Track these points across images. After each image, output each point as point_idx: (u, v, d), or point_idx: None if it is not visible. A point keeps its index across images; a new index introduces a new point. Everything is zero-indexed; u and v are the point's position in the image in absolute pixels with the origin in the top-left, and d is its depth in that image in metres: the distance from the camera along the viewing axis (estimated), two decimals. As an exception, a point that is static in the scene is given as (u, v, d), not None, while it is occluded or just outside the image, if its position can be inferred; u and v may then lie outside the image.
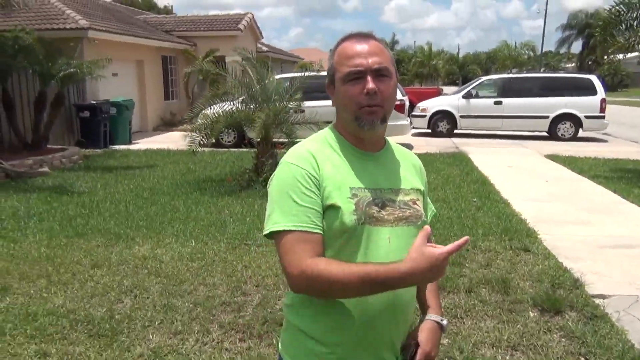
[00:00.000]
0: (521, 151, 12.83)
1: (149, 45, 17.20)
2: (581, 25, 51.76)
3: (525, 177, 9.28)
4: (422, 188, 1.58)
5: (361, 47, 1.40)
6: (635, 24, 8.59)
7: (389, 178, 1.48)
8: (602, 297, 4.13)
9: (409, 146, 13.44)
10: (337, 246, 1.37)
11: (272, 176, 1.44)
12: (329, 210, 1.36)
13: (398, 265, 1.25)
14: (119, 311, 3.84)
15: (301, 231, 1.32)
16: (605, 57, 11.14)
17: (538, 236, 5.63)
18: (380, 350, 1.43)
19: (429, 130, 16.00)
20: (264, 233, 1.38)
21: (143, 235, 5.65)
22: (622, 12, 8.61)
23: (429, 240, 1.29)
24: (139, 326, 3.61)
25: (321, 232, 1.35)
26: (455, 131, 15.96)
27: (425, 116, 16.00)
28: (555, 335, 3.52)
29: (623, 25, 8.68)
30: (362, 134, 1.45)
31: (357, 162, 1.45)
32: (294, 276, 1.30)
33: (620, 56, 9.79)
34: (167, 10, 55.00)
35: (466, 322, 3.71)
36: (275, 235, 1.35)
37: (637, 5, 8.57)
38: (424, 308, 1.57)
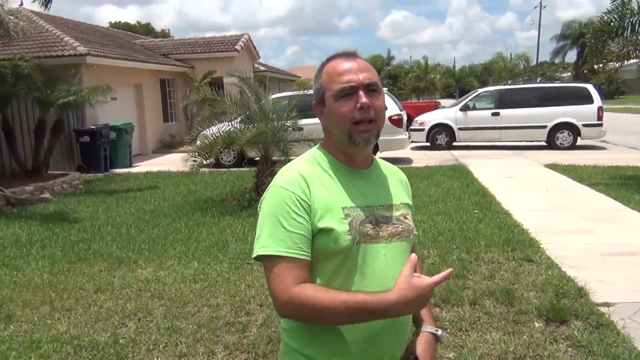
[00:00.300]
0: (521, 161, 12.85)
1: (148, 69, 17.36)
2: (575, 35, 52.13)
3: (525, 187, 9.29)
4: (410, 202, 1.61)
5: (350, 64, 1.42)
6: (627, 32, 8.66)
7: (380, 194, 1.49)
8: (607, 305, 4.12)
9: (408, 160, 13.49)
10: (333, 266, 1.38)
11: (262, 198, 1.45)
12: (323, 232, 1.36)
13: (387, 295, 1.27)
14: (123, 335, 3.83)
15: (288, 257, 1.33)
16: (600, 65, 11.14)
17: (540, 246, 5.62)
18: None
19: (428, 144, 16.06)
20: (252, 256, 1.39)
21: (145, 258, 5.65)
22: (613, 21, 8.69)
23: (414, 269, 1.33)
24: (144, 350, 3.60)
25: (308, 257, 1.36)
26: (454, 144, 16.02)
27: (423, 130, 16.07)
28: (561, 345, 3.51)
29: (615, 33, 8.75)
30: (355, 152, 1.46)
31: (348, 181, 1.45)
32: (281, 303, 1.32)
33: (616, 64, 9.80)
34: (165, 34, 55.54)
35: (471, 334, 3.70)
36: (262, 259, 1.36)
37: (629, 14, 8.66)
38: (418, 321, 1.58)
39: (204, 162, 8.45)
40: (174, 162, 13.39)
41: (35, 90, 10.67)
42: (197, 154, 8.34)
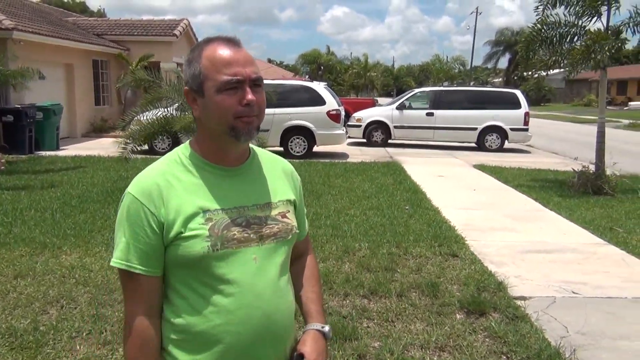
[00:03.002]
0: (451, 161, 13.32)
1: (79, 48, 16.64)
2: (507, 42, 54.36)
3: (454, 186, 9.65)
4: (293, 198, 1.50)
5: (237, 54, 1.31)
6: (554, 41, 9.13)
7: (254, 193, 1.40)
8: (523, 298, 4.37)
9: (344, 155, 13.67)
10: (193, 276, 1.30)
11: (120, 201, 1.36)
12: (178, 241, 1.28)
13: None
14: (44, 322, 3.69)
15: (133, 272, 1.29)
16: (529, 73, 11.70)
17: (466, 242, 5.87)
18: None
19: (364, 140, 16.33)
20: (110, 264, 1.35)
21: (71, 244, 5.45)
22: (542, 30, 9.14)
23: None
24: (66, 337, 3.49)
25: (151, 274, 1.30)
26: (390, 141, 16.37)
27: (360, 126, 16.33)
28: (479, 336, 3.70)
29: (544, 43, 9.21)
30: (233, 147, 1.36)
31: (215, 182, 1.35)
32: (125, 321, 1.34)
33: (545, 73, 10.30)
34: (100, 14, 53.37)
35: (397, 325, 3.83)
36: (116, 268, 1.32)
37: (556, 24, 9.13)
38: (305, 317, 1.51)
39: (137, 149, 8.23)
40: (104, 147, 12.93)
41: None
42: (129, 139, 8.10)
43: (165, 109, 8.29)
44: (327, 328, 1.49)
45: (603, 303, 4.36)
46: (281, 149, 13.12)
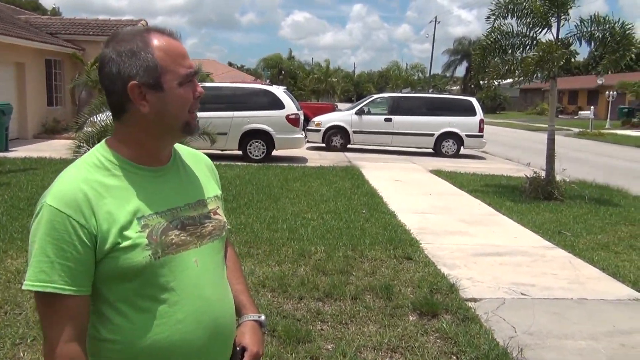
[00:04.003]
0: (409, 166, 13.51)
1: (31, 47, 16.12)
2: (465, 51, 55.66)
3: (411, 190, 9.79)
4: (220, 193, 1.46)
5: (182, 46, 1.27)
6: (507, 51, 9.41)
7: (183, 192, 1.34)
8: (474, 300, 4.47)
9: (303, 159, 13.68)
10: (134, 288, 1.21)
11: (34, 215, 1.20)
12: (115, 253, 1.18)
13: None
14: (-14, 329, 3.56)
15: (59, 294, 1.14)
16: (485, 81, 12.00)
17: (420, 245, 5.96)
18: None
19: (324, 145, 16.40)
20: (22, 287, 1.21)
21: (17, 248, 5.26)
22: (497, 40, 9.40)
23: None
24: (9, 344, 3.36)
25: (81, 293, 1.17)
26: (349, 146, 16.48)
27: (319, 130, 16.38)
28: (431, 337, 3.75)
29: (498, 52, 9.47)
30: (171, 145, 1.34)
31: (143, 184, 1.26)
32: (47, 348, 1.18)
33: (498, 82, 10.58)
34: (55, 12, 51.89)
35: (350, 327, 3.85)
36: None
37: (509, 35, 9.41)
38: (238, 308, 1.48)
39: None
40: (56, 148, 12.56)
41: None
42: (83, 141, 7.89)
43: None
44: (263, 317, 1.50)
45: (550, 304, 4.49)
46: (239, 152, 13.04)
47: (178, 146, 1.42)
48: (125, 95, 1.22)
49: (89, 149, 5.62)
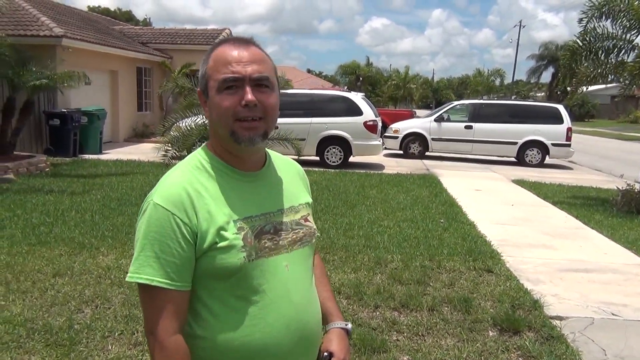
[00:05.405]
0: (490, 175, 13.08)
1: (124, 55, 17.10)
2: (551, 56, 53.30)
3: (492, 200, 9.46)
4: (310, 200, 1.48)
5: (240, 53, 1.25)
6: (600, 54, 8.90)
7: (276, 198, 1.37)
8: (560, 318, 4.24)
9: (380, 166, 13.60)
10: (226, 288, 1.25)
11: (140, 213, 1.28)
12: (212, 252, 1.22)
13: None
14: (79, 321, 3.78)
15: (161, 287, 1.20)
16: (572, 87, 11.41)
17: (501, 258, 5.74)
18: None
19: (401, 152, 16.21)
20: (126, 279, 1.26)
21: (108, 245, 5.58)
22: (586, 42, 8.92)
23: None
24: (99, 336, 3.56)
25: (183, 288, 1.22)
26: (427, 153, 16.20)
27: (397, 137, 16.22)
28: (512, 355, 3.60)
29: (588, 55, 8.99)
30: (240, 152, 1.30)
31: (239, 187, 1.31)
32: (153, 339, 1.21)
33: (588, 88, 10.03)
34: (146, 22, 54.85)
35: (427, 339, 3.76)
36: (138, 284, 1.23)
37: (603, 37, 8.90)
38: (325, 316, 1.49)
39: (177, 154, 8.36)
40: (145, 152, 13.21)
41: (7, 69, 10.41)
42: (169, 145, 8.26)
43: (203, 116, 8.42)
44: (349, 325, 1.51)
45: (645, 327, 4.18)
46: (317, 158, 13.15)
47: (271, 153, 1.45)
48: (200, 101, 1.35)
49: (175, 153, 5.81)
